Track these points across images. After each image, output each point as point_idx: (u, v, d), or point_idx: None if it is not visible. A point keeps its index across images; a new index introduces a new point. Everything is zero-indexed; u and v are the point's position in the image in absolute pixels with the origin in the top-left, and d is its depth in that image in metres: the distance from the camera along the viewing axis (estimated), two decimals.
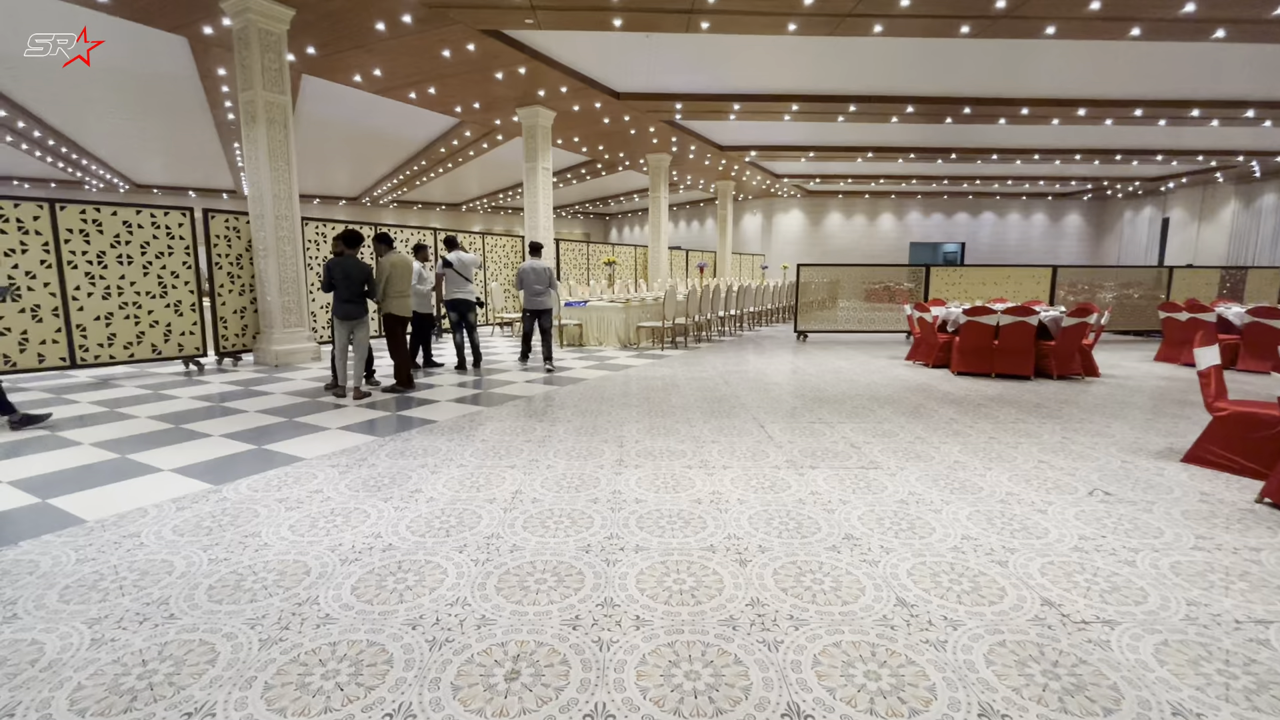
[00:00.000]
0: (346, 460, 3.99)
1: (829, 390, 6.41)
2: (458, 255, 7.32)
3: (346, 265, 5.70)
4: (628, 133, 14.30)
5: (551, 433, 4.66)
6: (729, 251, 22.67)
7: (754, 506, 3.23)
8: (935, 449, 4.31)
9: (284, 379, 6.95)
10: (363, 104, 12.69)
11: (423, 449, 4.24)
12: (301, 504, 3.25)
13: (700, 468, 3.86)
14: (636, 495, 3.39)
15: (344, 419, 5.10)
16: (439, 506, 3.22)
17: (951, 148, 16.29)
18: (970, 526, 2.99)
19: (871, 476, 3.71)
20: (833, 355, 9.10)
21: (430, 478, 3.66)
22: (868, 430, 4.80)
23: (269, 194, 7.56)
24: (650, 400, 5.83)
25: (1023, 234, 26.73)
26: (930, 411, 5.46)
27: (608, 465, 3.90)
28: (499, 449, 4.24)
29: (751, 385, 6.64)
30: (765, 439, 4.53)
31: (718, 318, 11.39)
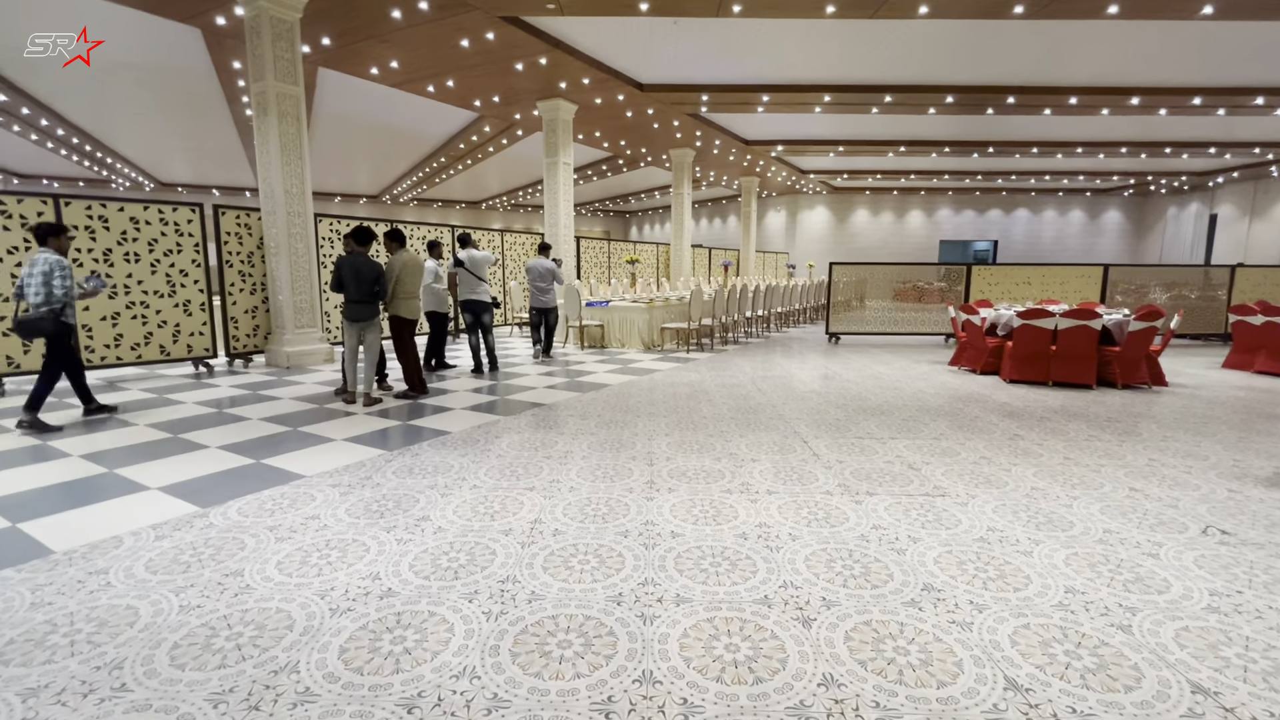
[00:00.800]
0: (350, 479, 3.62)
1: (872, 399, 5.92)
2: (470, 253, 6.95)
3: (357, 263, 5.36)
4: (650, 127, 13.87)
5: (573, 448, 4.25)
6: (752, 250, 22.13)
7: (809, 544, 2.79)
8: (1005, 472, 3.81)
9: (294, 382, 6.65)
10: (381, 99, 12.42)
11: (433, 465, 3.86)
12: (294, 533, 2.88)
13: (741, 492, 3.42)
14: (672, 527, 2.96)
15: (352, 429, 4.74)
16: (448, 539, 2.82)
17: (989, 141, 15.59)
18: (1072, 575, 2.51)
19: (939, 506, 3.24)
20: (869, 359, 8.58)
21: (440, 501, 3.27)
22: (924, 448, 4.31)
23: (280, 188, 7.27)
24: (679, 410, 5.40)
25: (1058, 232, 25.77)
26: (989, 425, 4.95)
27: (637, 488, 3.48)
28: (516, 467, 3.84)
29: (787, 393, 6.18)
30: (810, 457, 4.07)
31: (744, 319, 10.91)
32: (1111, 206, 25.44)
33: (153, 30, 8.68)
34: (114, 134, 15.78)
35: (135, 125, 14.81)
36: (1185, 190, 23.18)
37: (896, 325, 10.65)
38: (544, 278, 8.06)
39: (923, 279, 11.04)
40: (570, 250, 12.27)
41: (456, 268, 6.87)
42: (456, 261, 6.84)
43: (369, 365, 5.53)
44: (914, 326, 10.63)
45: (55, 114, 13.41)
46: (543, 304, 8.13)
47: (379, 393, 6.02)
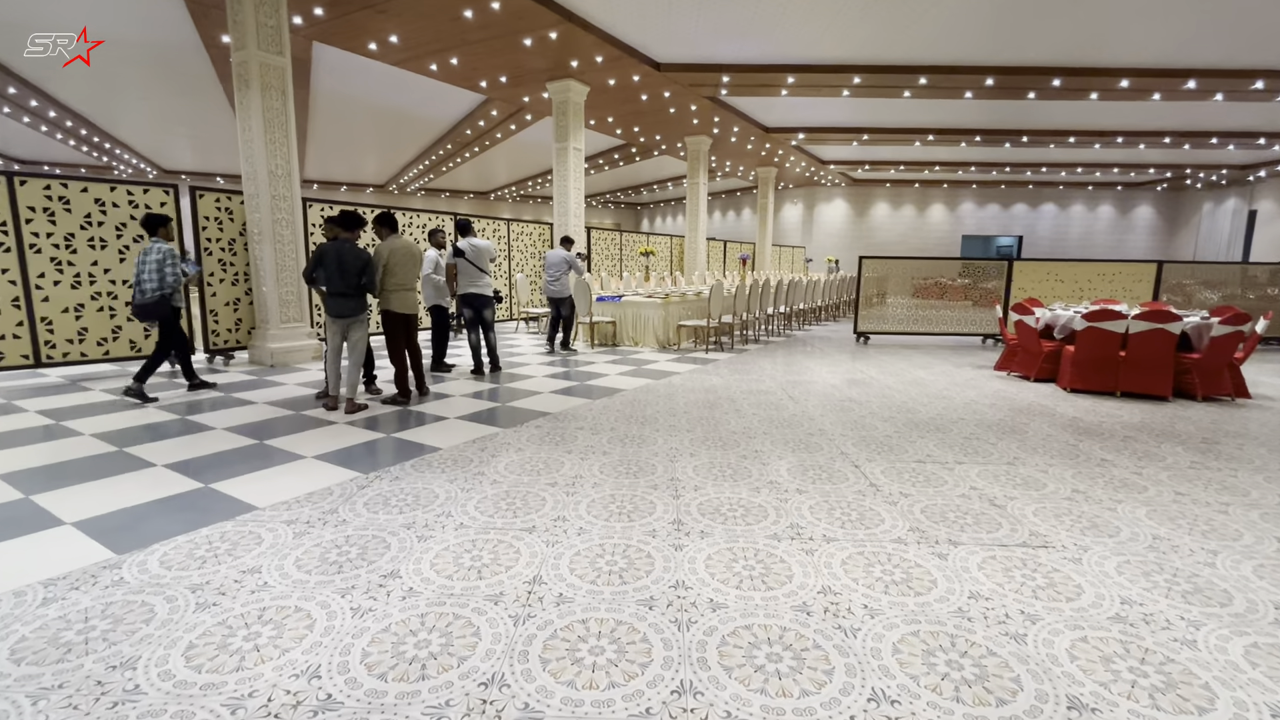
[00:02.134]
0: (310, 512, 2.98)
1: (922, 411, 5.21)
2: (471, 242, 6.29)
3: (340, 251, 4.70)
4: (666, 111, 13.12)
5: (583, 471, 3.58)
6: (769, 244, 21.35)
7: (893, 622, 2.11)
8: (1110, 512, 3.11)
9: (275, 383, 6.02)
10: (383, 79, 11.76)
11: (414, 495, 3.20)
12: (223, 595, 2.23)
13: (792, 538, 2.75)
14: (710, 592, 2.29)
15: (326, 442, 4.10)
16: (419, 607, 2.17)
17: (1023, 130, 14.71)
18: (1270, 686, 1.82)
19: (1047, 564, 2.55)
20: (905, 362, 7.86)
21: (415, 547, 2.61)
22: (1000, 476, 3.61)
23: (264, 169, 6.63)
24: (704, 422, 4.72)
25: (1086, 227, 24.78)
26: (1067, 447, 4.24)
27: (661, 530, 2.81)
28: (514, 497, 3.18)
29: (824, 402, 5.48)
30: (868, 487, 3.38)
31: (766, 316, 10.20)
32: (1143, 201, 24.41)
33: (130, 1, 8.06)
34: (111, 118, 15.23)
35: (131, 108, 14.24)
36: (1222, 185, 22.15)
37: (930, 325, 9.90)
38: (557, 267, 7.92)
39: (946, 275, 10.25)
40: (580, 240, 11.58)
41: (456, 258, 6.21)
42: (456, 251, 6.18)
43: (353, 367, 4.88)
44: (949, 326, 9.87)
45: (46, 95, 12.85)
46: (553, 293, 8.02)
47: (366, 397, 5.38)
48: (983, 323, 9.79)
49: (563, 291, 8.00)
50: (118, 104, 13.90)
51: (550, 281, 7.96)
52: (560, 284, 7.96)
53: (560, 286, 7.97)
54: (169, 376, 6.23)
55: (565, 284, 7.99)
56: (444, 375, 6.50)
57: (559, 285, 7.96)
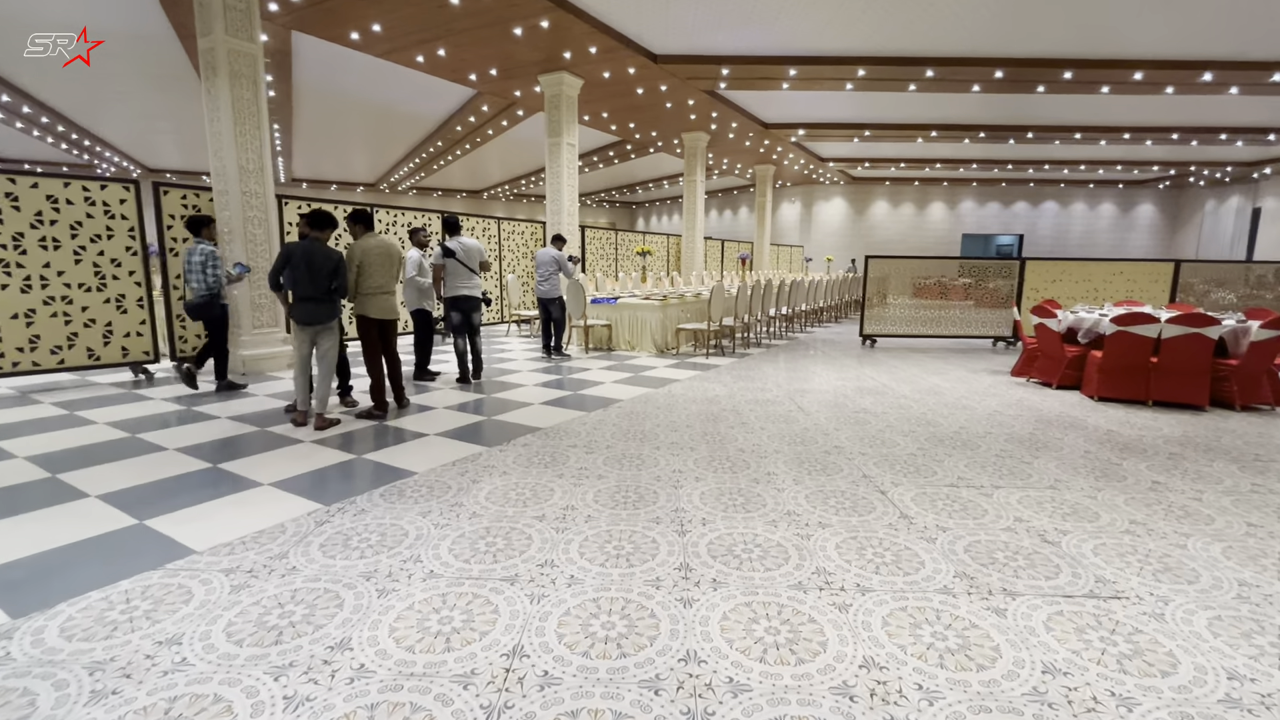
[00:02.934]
0: (256, 557, 2.55)
1: (943, 423, 4.81)
2: (461, 241, 5.87)
3: (309, 252, 4.27)
4: (663, 106, 12.70)
5: (575, 500, 3.16)
6: (767, 243, 20.96)
7: (957, 709, 1.70)
8: (1180, 548, 2.71)
9: (244, 394, 5.57)
10: (369, 73, 11.31)
11: (379, 533, 2.77)
12: (127, 680, 1.80)
13: (820, 588, 2.33)
14: (729, 668, 1.87)
15: (288, 465, 3.67)
16: (370, 694, 1.74)
17: (1030, 125, 14.36)
18: None
19: (1126, 621, 2.14)
20: (917, 367, 7.46)
21: (374, 606, 2.19)
22: (1043, 502, 3.21)
23: (233, 164, 6.18)
24: (709, 439, 4.30)
25: (1088, 225, 24.48)
26: (1109, 466, 3.84)
27: (667, 580, 2.39)
28: (495, 536, 2.76)
29: (837, 413, 5.07)
30: (899, 519, 2.98)
31: (768, 318, 9.79)
32: (1144, 199, 24.13)
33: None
34: (88, 114, 14.72)
35: (107, 104, 13.74)
36: (1226, 182, 21.89)
37: (938, 327, 9.51)
38: (546, 266, 7.54)
39: (954, 275, 9.82)
40: (575, 240, 11.15)
41: (446, 258, 5.78)
42: (446, 251, 5.75)
43: (323, 378, 4.45)
44: (958, 328, 9.48)
45: (18, 90, 12.34)
46: (542, 293, 7.62)
47: (340, 410, 4.94)
48: (992, 324, 9.41)
49: (552, 292, 7.58)
50: (93, 99, 13.39)
51: (540, 281, 7.55)
52: (550, 284, 7.55)
53: (550, 287, 7.55)
54: (174, 380, 5.78)
55: (555, 284, 7.57)
56: (428, 384, 6.07)
57: (548, 285, 7.55)
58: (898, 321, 9.58)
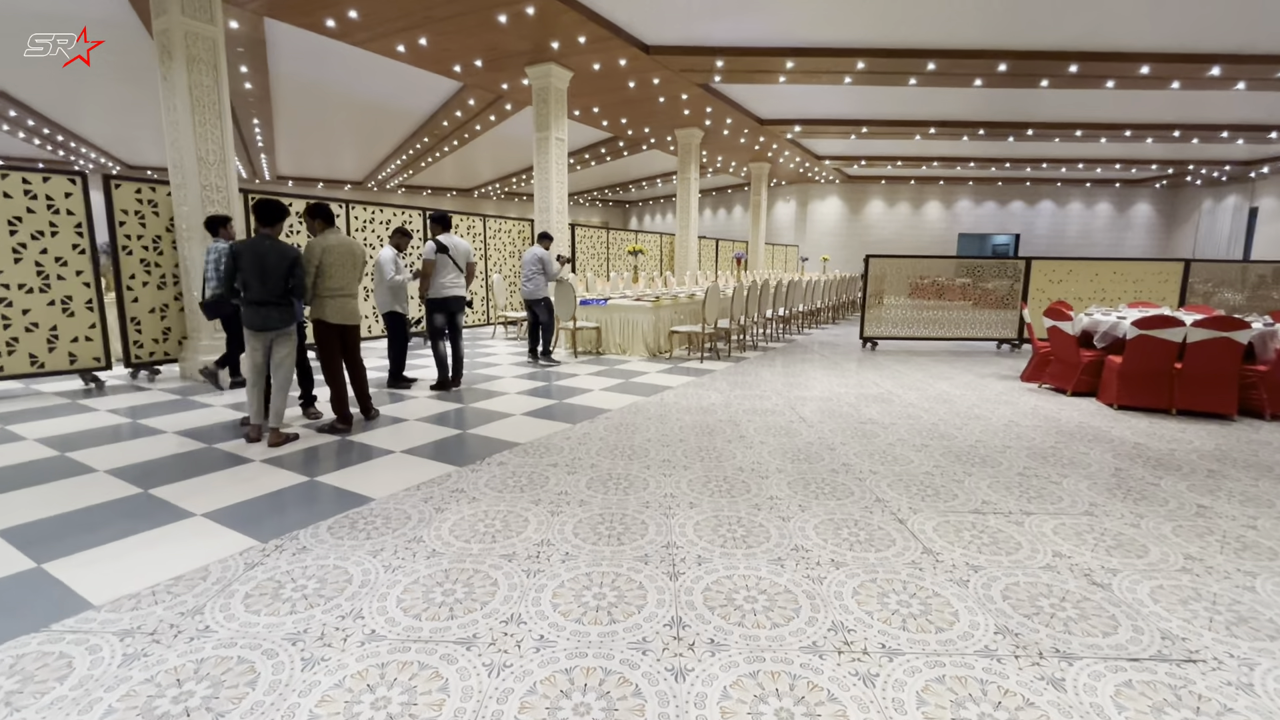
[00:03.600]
0: (164, 613, 2.13)
1: (958, 436, 4.44)
2: (452, 239, 5.48)
3: (260, 250, 3.85)
4: (655, 101, 12.30)
5: (552, 534, 2.77)
6: (762, 242, 20.60)
7: None
8: (1250, 591, 2.35)
9: (199, 404, 5.14)
10: (350, 65, 10.86)
11: (319, 578, 2.37)
12: None
13: (840, 650, 1.95)
14: None
15: (229, 491, 3.25)
16: None
17: (1030, 122, 14.06)
18: None
19: (1207, 693, 1.77)
20: (922, 372, 7.10)
21: (295, 683, 1.78)
22: (1082, 532, 2.84)
23: (191, 155, 5.75)
24: (705, 454, 3.91)
25: (1084, 225, 24.27)
26: (1146, 485, 3.47)
27: (655, 640, 1.99)
28: (455, 582, 2.35)
29: (842, 424, 4.69)
30: (923, 555, 2.60)
31: (764, 319, 9.41)
32: (1141, 199, 23.93)
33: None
34: (62, 109, 14.20)
35: (80, 98, 13.21)
36: (1223, 182, 21.71)
37: (941, 329, 9.15)
38: (531, 266, 7.05)
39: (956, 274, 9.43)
40: (565, 239, 10.74)
41: (438, 254, 5.37)
42: (438, 247, 5.34)
43: (279, 390, 4.02)
44: (961, 330, 9.13)
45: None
46: (527, 294, 7.11)
47: (303, 423, 4.52)
48: (997, 326, 9.07)
49: (537, 293, 7.10)
50: (65, 94, 12.87)
51: (524, 281, 7.11)
52: (534, 285, 7.07)
53: (534, 288, 7.08)
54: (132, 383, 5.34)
55: (540, 285, 7.09)
56: (402, 392, 5.65)
57: (533, 286, 7.07)
58: (899, 323, 9.22)
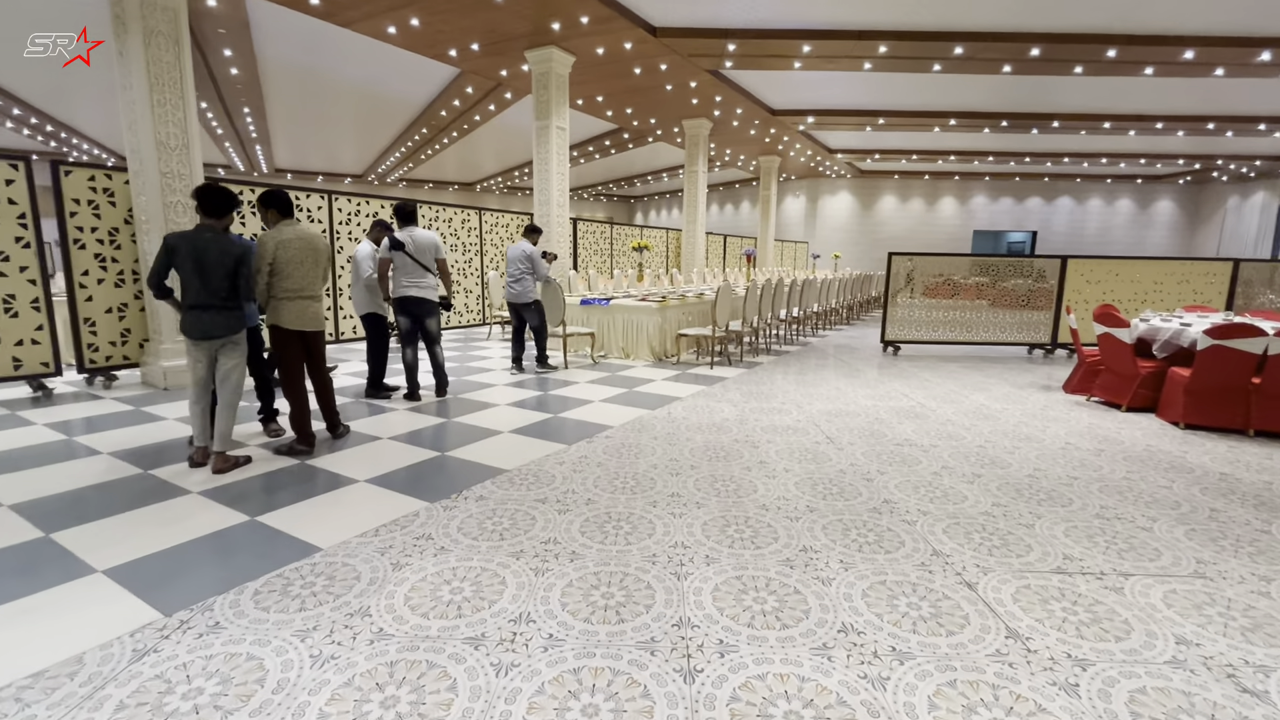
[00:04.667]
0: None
1: (1011, 461, 3.84)
2: (412, 233, 4.89)
3: (199, 245, 3.28)
4: (663, 89, 11.68)
5: (534, 603, 2.19)
6: (771, 238, 19.96)
7: None
8: None
9: (151, 416, 4.59)
10: (339, 48, 10.29)
11: (219, 679, 1.80)
12: None
13: None
14: None
15: (147, 535, 2.69)
16: None
17: (1056, 114, 13.36)
18: None
19: None
20: (953, 381, 6.50)
21: None
22: (1203, 605, 2.24)
23: (149, 139, 5.19)
24: (721, 487, 3.33)
25: (1104, 222, 23.52)
26: (1258, 534, 2.87)
27: None
28: (399, 684, 1.78)
29: (877, 447, 4.10)
30: (1009, 643, 2.00)
31: (778, 321, 8.81)
32: (1163, 195, 23.16)
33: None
34: (50, 99, 13.68)
35: (67, 86, 12.68)
36: (1250, 178, 20.94)
37: (967, 331, 8.52)
38: (516, 263, 6.31)
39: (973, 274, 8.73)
40: (565, 234, 10.16)
41: (394, 251, 4.80)
42: (394, 244, 4.76)
43: (225, 408, 3.46)
44: (989, 333, 8.50)
45: None
46: (513, 297, 6.39)
47: (260, 442, 3.97)
48: (1028, 329, 8.44)
49: (524, 295, 6.35)
50: (54, 82, 12.34)
51: (511, 282, 6.33)
52: (521, 286, 6.33)
53: (523, 289, 6.34)
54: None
55: (528, 286, 6.37)
56: (382, 403, 5.09)
57: (520, 287, 6.33)
58: (922, 325, 8.59)
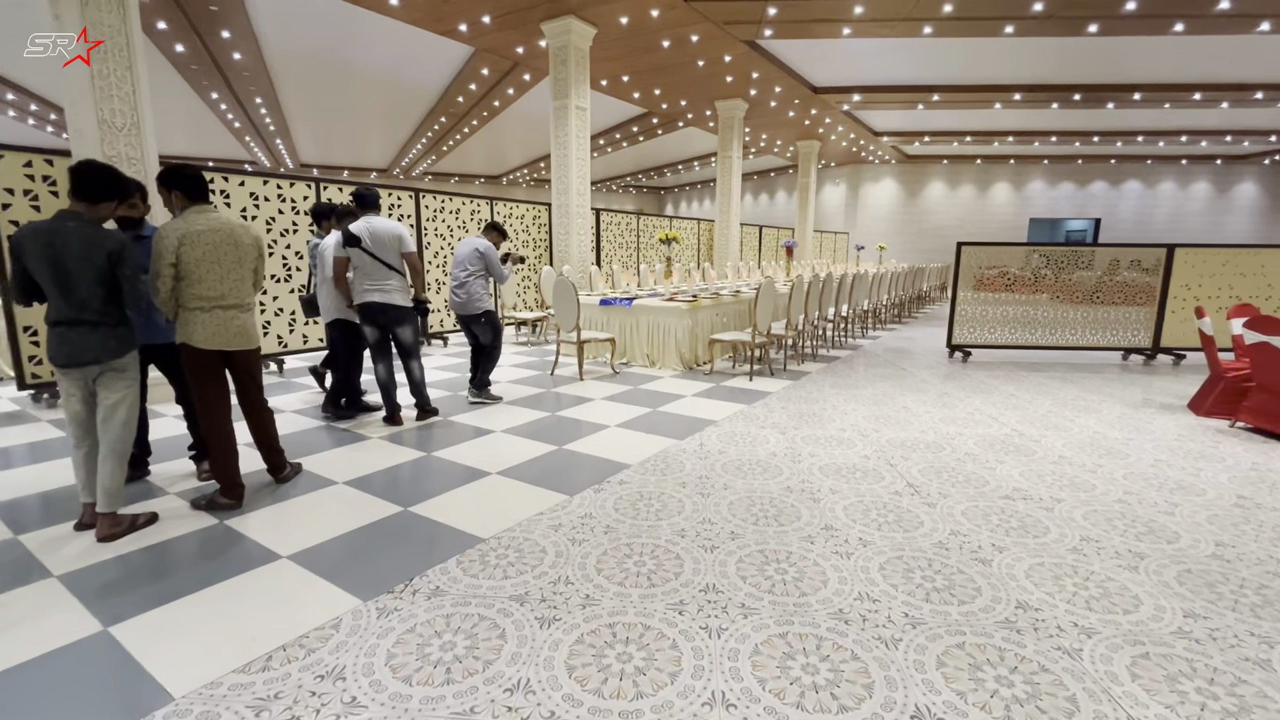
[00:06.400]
0: None
1: (1177, 529, 2.76)
2: (370, 225, 4.00)
3: (54, 239, 2.43)
4: (694, 65, 10.65)
5: None
6: (809, 229, 18.73)
7: None
8: None
9: None
10: (344, 28, 9.55)
11: None
12: None
13: None
14: None
15: None
16: None
17: (1140, 84, 11.86)
18: None
19: None
20: (1046, 397, 5.36)
21: None
22: None
23: (90, 117, 4.43)
24: (775, 574, 2.35)
25: (1176, 208, 21.57)
26: None
27: None
28: None
29: (978, 500, 3.06)
30: None
31: (825, 321, 7.72)
32: (1245, 177, 21.09)
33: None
34: (54, 87, 13.33)
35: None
36: None
37: (1048, 333, 7.30)
38: (467, 260, 4.80)
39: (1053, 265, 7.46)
40: (587, 226, 9.23)
41: (349, 248, 3.93)
42: (348, 238, 3.89)
43: (110, 458, 2.61)
44: (1074, 335, 7.27)
45: None
46: (458, 305, 4.82)
47: (199, 481, 3.14)
48: (1122, 331, 7.19)
49: (473, 303, 4.79)
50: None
51: (455, 286, 4.81)
52: (471, 291, 4.77)
53: (468, 295, 4.77)
54: None
55: (477, 291, 4.80)
56: (349, 426, 4.24)
57: (465, 293, 4.77)
58: (993, 325, 7.41)
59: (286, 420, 4.43)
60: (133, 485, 3.19)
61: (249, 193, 6.05)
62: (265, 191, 6.17)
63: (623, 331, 6.68)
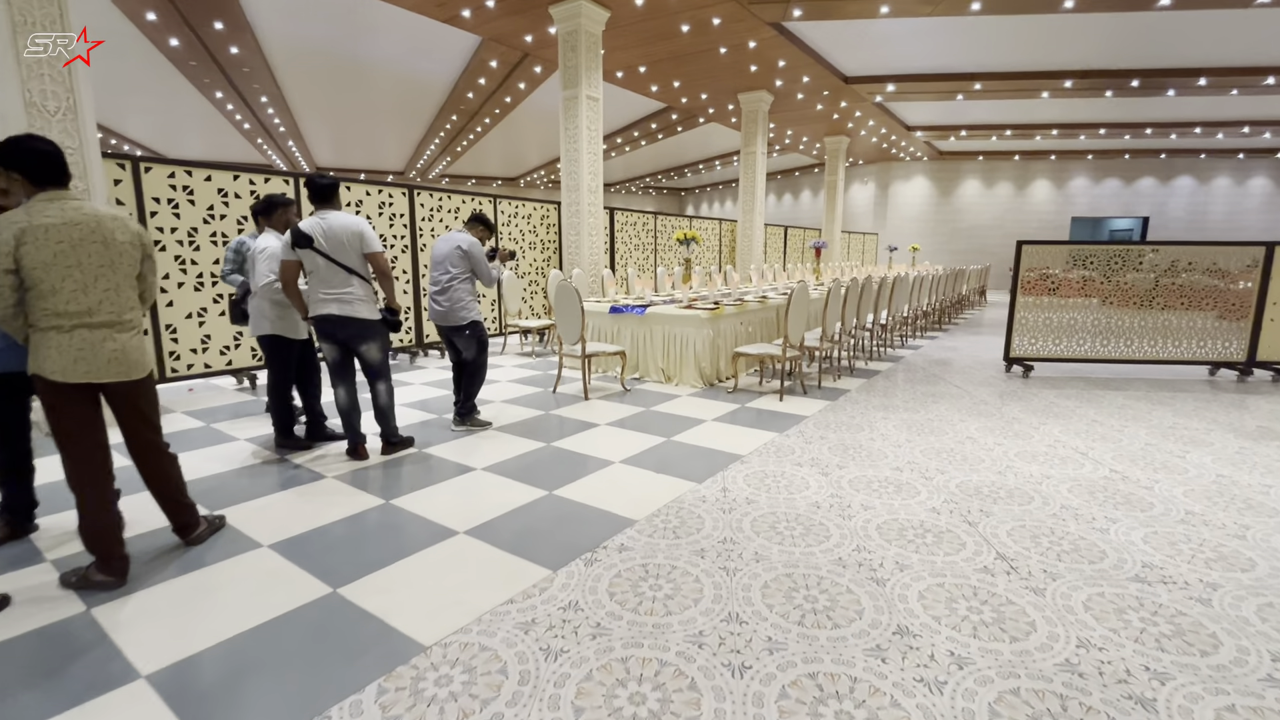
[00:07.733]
0: None
1: None
2: (325, 220, 3.31)
3: None
4: (715, 52, 9.89)
5: None
6: (838, 229, 17.83)
7: None
8: None
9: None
10: (343, 19, 8.99)
11: None
12: None
13: None
14: None
15: None
16: None
17: (1205, 68, 10.82)
18: None
19: None
20: (1138, 424, 4.49)
21: None
22: None
23: (17, 100, 3.84)
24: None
25: (1233, 206, 20.20)
26: None
27: None
28: None
29: (1100, 585, 2.25)
30: None
31: (863, 330, 6.89)
32: None
33: None
34: None
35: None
36: None
37: (1119, 344, 6.38)
38: (448, 261, 4.02)
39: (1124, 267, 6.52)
40: (599, 226, 8.52)
41: (299, 249, 3.25)
42: (297, 237, 3.21)
43: None
44: (1149, 347, 6.34)
45: None
46: (439, 315, 4.06)
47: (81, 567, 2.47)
48: (1208, 341, 6.25)
49: (457, 312, 4.03)
50: None
51: (436, 292, 4.05)
52: (455, 297, 4.01)
53: (451, 303, 4.01)
54: None
55: (461, 297, 4.03)
56: (301, 461, 3.57)
57: (447, 301, 4.01)
58: (1057, 334, 6.51)
59: (233, 453, 3.77)
60: (6, 547, 2.54)
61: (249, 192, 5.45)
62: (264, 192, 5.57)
63: (635, 343, 5.95)
